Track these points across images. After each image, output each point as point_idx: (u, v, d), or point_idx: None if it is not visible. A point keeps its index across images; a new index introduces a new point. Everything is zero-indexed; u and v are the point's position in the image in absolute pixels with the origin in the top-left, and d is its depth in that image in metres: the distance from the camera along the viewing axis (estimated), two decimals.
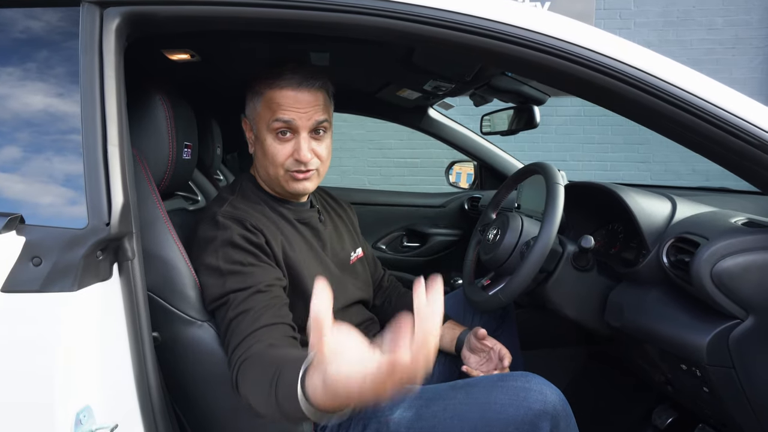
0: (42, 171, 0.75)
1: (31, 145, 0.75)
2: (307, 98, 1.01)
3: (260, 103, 1.03)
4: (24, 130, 0.75)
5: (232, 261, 0.92)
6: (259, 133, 1.04)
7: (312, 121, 1.02)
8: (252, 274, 0.92)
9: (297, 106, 1.00)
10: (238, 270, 0.91)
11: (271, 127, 1.01)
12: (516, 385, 0.93)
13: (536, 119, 1.66)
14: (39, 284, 0.68)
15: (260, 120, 1.03)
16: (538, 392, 0.91)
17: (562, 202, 1.13)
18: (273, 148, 1.02)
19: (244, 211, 1.00)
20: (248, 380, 0.79)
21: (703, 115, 0.85)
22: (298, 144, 1.01)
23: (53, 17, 0.80)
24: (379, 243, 2.38)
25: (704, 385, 0.98)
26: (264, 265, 0.95)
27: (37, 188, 0.74)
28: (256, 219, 0.99)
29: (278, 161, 1.02)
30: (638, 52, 0.87)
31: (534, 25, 0.86)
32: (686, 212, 1.13)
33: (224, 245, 0.93)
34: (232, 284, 0.90)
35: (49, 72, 0.78)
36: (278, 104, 1.00)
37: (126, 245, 0.76)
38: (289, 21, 0.87)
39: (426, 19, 0.85)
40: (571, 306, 1.22)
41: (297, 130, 1.01)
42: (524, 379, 0.95)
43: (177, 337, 0.88)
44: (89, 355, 0.73)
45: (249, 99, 1.07)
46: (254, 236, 0.96)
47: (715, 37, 4.66)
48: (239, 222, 0.96)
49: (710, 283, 0.91)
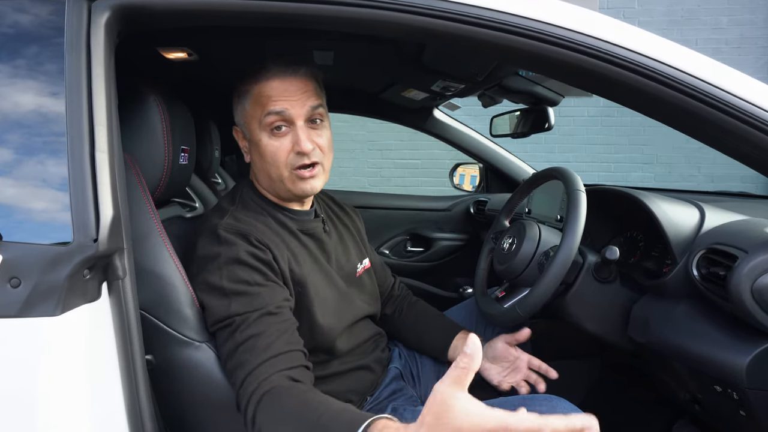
0: (23, 181, 0.67)
1: (11, 152, 0.67)
2: (296, 85, 0.94)
3: (248, 102, 0.96)
4: (3, 136, 0.68)
5: (238, 280, 0.85)
6: (252, 135, 0.97)
7: (306, 107, 0.94)
8: (259, 294, 0.85)
9: (287, 95, 0.93)
10: (243, 290, 0.84)
11: (264, 123, 0.94)
12: (540, 411, 0.86)
13: (551, 121, 1.59)
14: (17, 308, 0.61)
15: (251, 120, 0.96)
16: None
17: (584, 210, 1.06)
18: (270, 146, 0.95)
19: (248, 223, 0.93)
20: (274, 418, 0.72)
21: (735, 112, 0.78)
22: (297, 135, 0.94)
23: (39, 9, 0.72)
24: (382, 248, 2.31)
25: (741, 409, 0.91)
26: (272, 285, 0.88)
27: (16, 200, 0.66)
28: (261, 232, 0.92)
29: (279, 160, 0.95)
30: (669, 48, 0.80)
31: (560, 20, 0.79)
32: (716, 221, 1.06)
33: (229, 263, 0.86)
34: (238, 306, 0.83)
35: (32, 71, 0.70)
36: (267, 96, 0.93)
37: (116, 263, 0.68)
38: (293, 15, 0.80)
39: (441, 13, 0.78)
40: (592, 319, 1.15)
41: (292, 120, 0.94)
42: (549, 404, 0.88)
43: (172, 360, 0.81)
44: (75, 385, 0.66)
45: (236, 103, 1.00)
46: (261, 252, 0.89)
47: (720, 36, 4.61)
48: (244, 237, 0.89)
49: (751, 299, 0.84)
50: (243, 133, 1.01)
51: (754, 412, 0.89)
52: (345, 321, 1.04)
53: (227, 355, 0.81)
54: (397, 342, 1.28)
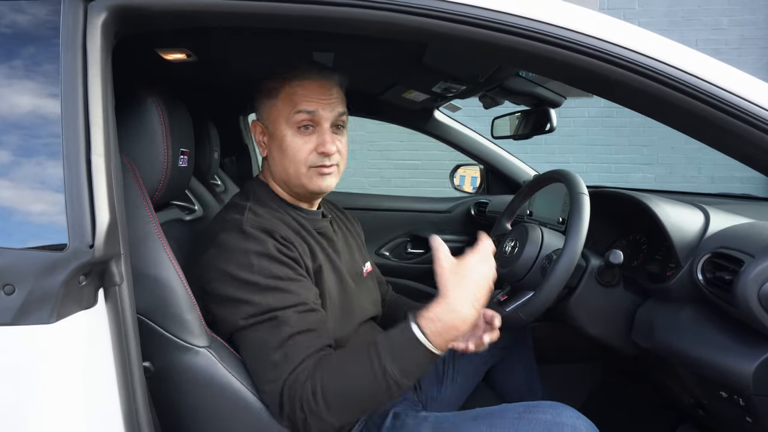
0: (17, 185, 0.66)
1: (5, 155, 0.66)
2: (329, 89, 0.98)
3: (278, 100, 0.97)
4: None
5: (271, 275, 0.85)
6: (276, 130, 0.98)
7: (335, 112, 0.98)
8: (294, 291, 0.86)
9: (320, 97, 0.96)
10: (275, 285, 0.85)
11: (293, 120, 0.95)
12: (546, 419, 0.85)
13: (553, 122, 1.57)
14: (11, 316, 0.60)
15: (278, 116, 0.97)
16: (572, 428, 0.83)
17: (588, 213, 1.05)
18: (294, 143, 0.96)
19: (269, 220, 0.93)
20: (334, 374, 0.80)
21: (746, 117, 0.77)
22: (323, 137, 0.96)
23: (34, 9, 0.71)
24: (382, 249, 2.30)
25: (747, 415, 0.90)
26: (302, 280, 0.90)
27: (10, 205, 0.65)
28: (283, 230, 0.92)
29: (301, 157, 0.96)
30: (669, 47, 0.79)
31: (562, 21, 0.78)
32: (721, 224, 1.05)
33: (260, 258, 0.86)
34: (275, 301, 0.84)
35: (28, 72, 0.69)
36: (301, 95, 0.95)
37: (113, 269, 0.67)
38: (293, 17, 0.79)
39: (442, 14, 0.76)
40: (595, 323, 1.14)
41: (319, 122, 0.97)
42: (554, 411, 0.87)
43: (171, 366, 0.80)
44: (71, 393, 0.64)
45: (262, 99, 1.01)
46: (288, 249, 0.90)
47: (721, 37, 4.60)
48: (269, 233, 0.89)
49: (757, 304, 0.83)
50: (264, 128, 1.01)
51: (760, 418, 0.87)
52: (354, 321, 1.03)
53: (270, 348, 0.81)
54: None
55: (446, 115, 2.16)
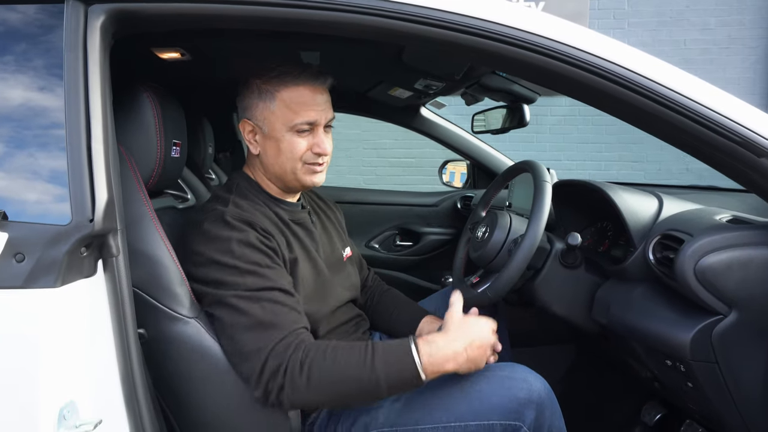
0: (26, 167, 0.75)
1: (15, 141, 0.75)
2: (323, 95, 1.06)
3: (275, 103, 1.03)
4: (7, 126, 0.75)
5: (251, 261, 0.93)
6: (273, 132, 1.04)
7: (328, 117, 1.06)
8: (270, 276, 0.94)
9: (316, 105, 1.04)
10: (254, 270, 0.93)
11: (294, 128, 1.03)
12: (501, 375, 0.95)
13: (526, 118, 1.66)
14: (22, 280, 0.68)
15: (275, 119, 1.03)
16: (523, 381, 0.93)
17: (549, 199, 1.14)
18: (292, 143, 1.04)
19: (251, 213, 1.01)
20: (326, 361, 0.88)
21: (690, 114, 0.85)
22: (319, 138, 1.05)
23: (40, 13, 0.80)
24: (372, 242, 2.38)
25: (688, 381, 0.99)
26: (278, 268, 0.97)
27: (20, 185, 0.74)
28: (264, 222, 1.00)
29: (297, 155, 1.04)
30: (628, 53, 0.88)
31: (524, 24, 0.86)
32: (672, 210, 1.14)
33: (241, 245, 0.94)
34: (253, 282, 0.92)
35: (35, 68, 0.78)
36: (300, 104, 1.02)
37: (110, 241, 0.76)
38: (277, 19, 0.88)
39: (417, 18, 0.85)
40: (558, 303, 1.22)
41: (316, 126, 1.05)
42: (510, 369, 0.97)
43: (163, 334, 0.88)
44: (73, 351, 0.73)
45: (256, 100, 1.05)
46: (267, 240, 0.98)
47: (709, 37, 4.68)
48: (251, 225, 0.97)
49: (694, 279, 0.92)
50: (257, 127, 1.07)
51: (698, 383, 0.96)
52: (329, 306, 1.11)
53: (247, 326, 0.89)
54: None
55: (433, 113, 2.25)
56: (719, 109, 0.84)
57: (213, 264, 0.93)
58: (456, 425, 0.93)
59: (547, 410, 0.92)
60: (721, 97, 0.85)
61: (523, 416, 0.91)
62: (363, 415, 0.98)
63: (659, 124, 0.88)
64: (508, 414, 0.91)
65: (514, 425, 0.91)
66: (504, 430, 0.91)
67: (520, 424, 0.91)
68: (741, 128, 0.84)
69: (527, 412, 0.91)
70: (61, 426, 0.70)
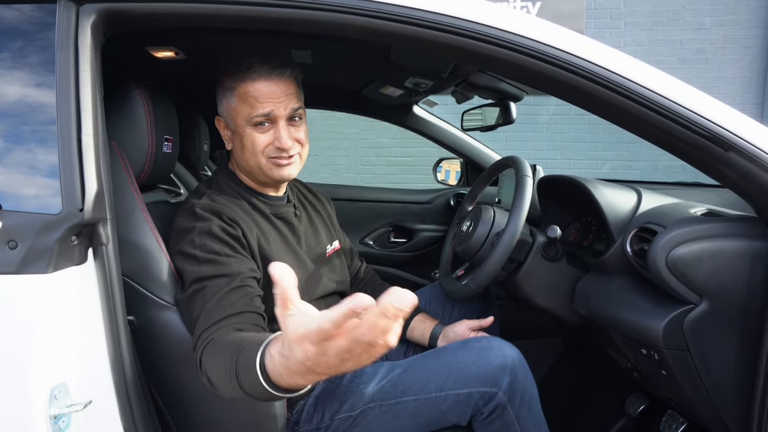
0: (20, 160, 0.78)
1: (9, 135, 0.79)
2: (281, 87, 1.04)
3: (234, 98, 1.05)
4: (2, 122, 0.79)
5: (210, 250, 0.95)
6: (237, 127, 1.07)
7: (288, 109, 1.05)
8: (228, 264, 0.95)
9: (272, 97, 1.03)
10: (213, 259, 0.94)
11: (251, 122, 1.04)
12: (479, 345, 1.01)
13: (513, 115, 1.69)
14: (15, 266, 0.72)
15: (236, 115, 1.06)
16: (498, 349, 0.99)
17: (529, 193, 1.17)
18: (252, 138, 1.05)
19: (222, 204, 1.03)
20: (211, 361, 0.81)
21: (657, 108, 0.88)
22: (278, 132, 1.04)
23: (36, 11, 0.83)
24: (366, 238, 2.41)
25: (662, 369, 1.02)
26: (240, 257, 0.98)
27: (15, 176, 0.78)
28: (233, 212, 1.03)
29: (258, 149, 1.05)
30: (594, 48, 0.91)
31: (504, 24, 0.89)
32: (651, 203, 1.17)
33: (202, 235, 0.96)
34: (208, 271, 0.93)
35: (30, 65, 0.81)
36: (254, 98, 1.03)
37: (100, 230, 0.79)
38: (263, 18, 0.91)
39: (402, 18, 0.88)
40: (540, 295, 1.26)
41: (275, 119, 1.04)
42: (486, 340, 1.04)
43: (152, 321, 0.92)
44: (64, 335, 0.76)
45: (221, 96, 1.08)
46: (231, 228, 0.99)
47: (704, 36, 4.71)
48: (217, 214, 1.00)
49: (666, 269, 0.95)
50: (226, 123, 1.11)
51: (671, 371, 0.99)
52: (311, 295, 1.14)
53: (195, 317, 0.89)
54: None
55: (426, 111, 2.28)
56: (686, 104, 0.87)
57: (178, 255, 0.96)
58: (437, 395, 0.98)
59: (520, 375, 0.98)
60: (688, 92, 0.89)
61: (498, 382, 0.97)
62: (350, 397, 1.02)
63: (628, 119, 0.92)
64: (485, 381, 0.98)
65: (490, 392, 0.97)
66: (482, 396, 0.97)
67: (496, 390, 0.97)
68: (707, 122, 0.87)
69: (502, 378, 0.97)
70: (53, 405, 0.73)
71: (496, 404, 0.98)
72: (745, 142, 0.88)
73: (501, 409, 0.99)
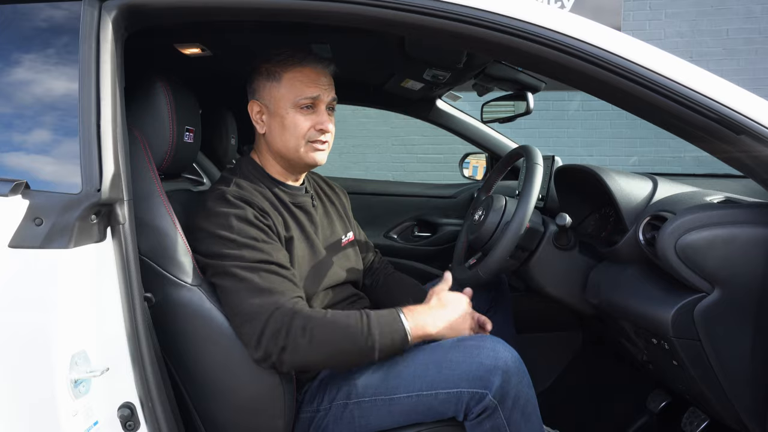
0: (45, 144, 0.85)
1: (36, 121, 0.86)
2: (326, 77, 1.15)
3: (280, 82, 1.12)
4: (30, 109, 0.86)
5: (248, 236, 1.01)
6: (279, 110, 1.13)
7: (330, 96, 1.14)
8: (266, 251, 1.02)
9: (320, 83, 1.12)
10: (252, 244, 1.01)
11: (297, 104, 1.11)
12: (470, 344, 1.00)
13: (530, 106, 1.68)
14: (40, 241, 0.79)
15: (281, 99, 1.12)
16: (490, 349, 0.97)
17: (539, 181, 1.16)
18: (296, 120, 1.12)
19: (250, 192, 1.09)
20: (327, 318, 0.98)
21: (663, 91, 0.87)
22: (321, 116, 1.13)
23: (64, 9, 0.90)
24: (390, 232, 2.43)
25: (673, 359, 1.00)
26: (274, 243, 1.05)
27: (40, 159, 0.85)
28: (261, 202, 1.09)
29: (300, 132, 1.12)
30: (601, 32, 0.90)
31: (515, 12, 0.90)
32: (666, 192, 1.14)
33: (239, 220, 1.02)
34: (251, 255, 1.00)
35: (53, 58, 0.88)
36: (303, 82, 1.11)
37: (117, 211, 0.85)
38: (278, 10, 0.95)
39: (412, 8, 0.90)
40: (552, 284, 1.25)
41: (318, 104, 1.13)
42: (479, 339, 1.02)
43: (169, 299, 0.97)
44: (84, 307, 0.83)
45: (264, 81, 1.14)
46: (263, 218, 1.06)
47: (754, 26, 4.47)
48: (249, 203, 1.06)
49: (674, 256, 0.93)
50: (264, 107, 1.15)
51: (682, 361, 0.97)
52: (325, 284, 1.18)
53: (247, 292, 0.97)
54: None
55: (450, 105, 2.28)
56: (692, 85, 0.85)
57: (214, 238, 1.01)
58: (428, 393, 0.98)
59: (513, 377, 0.95)
60: (694, 73, 0.86)
61: (488, 383, 0.94)
62: (345, 386, 1.05)
63: (635, 102, 0.90)
64: (475, 381, 0.95)
65: (480, 393, 0.94)
66: (471, 397, 0.95)
67: (486, 391, 0.94)
68: (717, 105, 0.85)
69: (493, 379, 0.94)
70: (73, 370, 0.80)
71: (485, 406, 0.95)
72: (757, 124, 0.85)
73: (491, 410, 0.95)
